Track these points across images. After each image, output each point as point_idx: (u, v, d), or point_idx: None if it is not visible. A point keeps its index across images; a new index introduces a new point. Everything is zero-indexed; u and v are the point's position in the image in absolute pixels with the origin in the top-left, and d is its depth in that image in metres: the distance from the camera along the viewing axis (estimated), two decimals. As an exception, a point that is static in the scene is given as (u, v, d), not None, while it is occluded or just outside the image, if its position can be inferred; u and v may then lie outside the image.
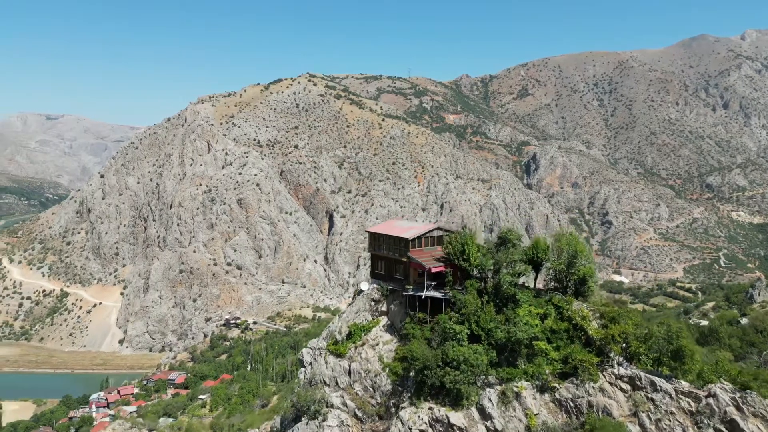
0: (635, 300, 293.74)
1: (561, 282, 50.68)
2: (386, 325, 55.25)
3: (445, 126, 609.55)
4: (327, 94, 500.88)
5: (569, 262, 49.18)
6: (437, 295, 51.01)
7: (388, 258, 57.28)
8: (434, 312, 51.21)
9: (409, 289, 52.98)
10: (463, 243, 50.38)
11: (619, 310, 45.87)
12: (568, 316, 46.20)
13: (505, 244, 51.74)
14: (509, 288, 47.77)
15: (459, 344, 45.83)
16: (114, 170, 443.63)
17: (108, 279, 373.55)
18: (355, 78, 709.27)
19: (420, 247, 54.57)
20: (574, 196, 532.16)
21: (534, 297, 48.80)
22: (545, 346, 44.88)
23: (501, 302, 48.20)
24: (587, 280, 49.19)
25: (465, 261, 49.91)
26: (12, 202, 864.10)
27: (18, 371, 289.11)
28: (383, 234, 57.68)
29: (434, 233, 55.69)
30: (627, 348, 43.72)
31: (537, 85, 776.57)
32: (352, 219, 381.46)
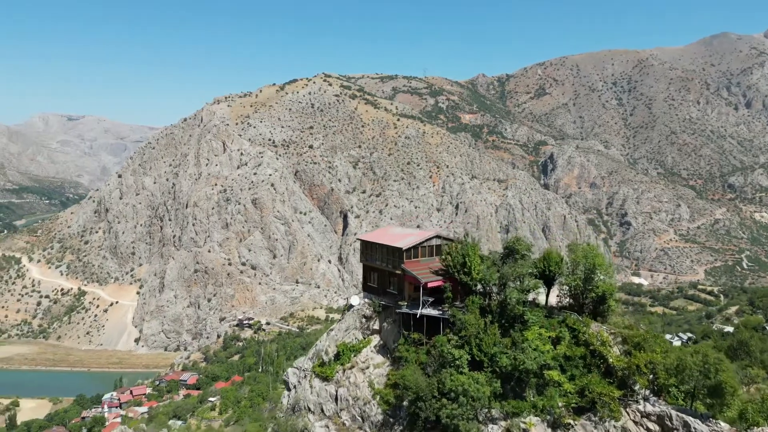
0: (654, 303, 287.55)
1: (577, 300, 44.80)
2: (378, 346, 49.42)
3: (460, 126, 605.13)
4: (342, 94, 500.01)
5: (586, 277, 43.53)
6: (434, 314, 45.57)
7: (381, 270, 51.59)
8: (431, 332, 46.02)
9: (403, 306, 47.35)
10: (463, 254, 45.05)
11: (645, 334, 40.13)
12: (585, 341, 40.70)
13: (512, 256, 46.36)
14: (517, 306, 42.06)
15: (458, 372, 40.43)
16: (131, 170, 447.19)
17: (124, 278, 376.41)
18: (371, 78, 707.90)
19: (416, 257, 48.89)
20: (592, 197, 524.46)
21: (545, 317, 43.26)
22: (558, 375, 39.31)
23: (507, 323, 42.66)
24: (607, 298, 43.41)
25: (466, 274, 44.66)
26: (33, 202, 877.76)
27: (36, 369, 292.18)
28: (375, 243, 51.97)
29: (432, 242, 50.09)
30: (655, 380, 38.07)
31: (554, 84, 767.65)
32: (366, 219, 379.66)
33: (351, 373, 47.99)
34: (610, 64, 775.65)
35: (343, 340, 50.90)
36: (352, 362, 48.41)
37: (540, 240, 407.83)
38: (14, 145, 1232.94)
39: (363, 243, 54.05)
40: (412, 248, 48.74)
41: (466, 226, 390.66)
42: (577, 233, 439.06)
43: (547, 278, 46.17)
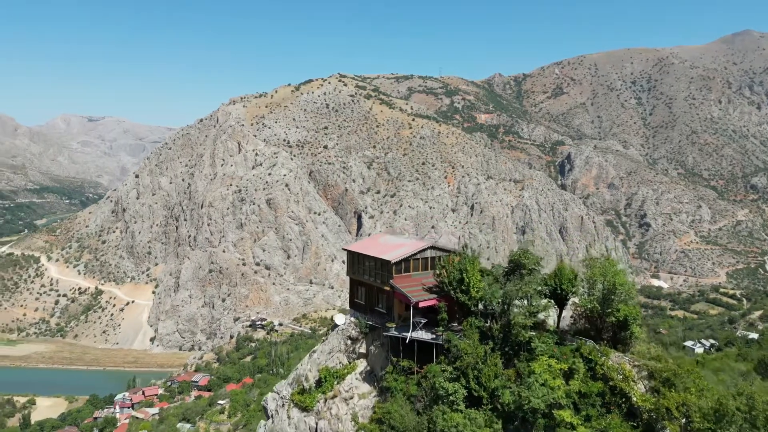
0: (675, 306, 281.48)
1: (593, 324, 38.81)
2: (364, 372, 43.94)
3: (476, 126, 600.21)
4: (357, 94, 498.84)
5: (605, 298, 37.56)
6: (426, 338, 40.18)
7: (369, 285, 46.10)
8: (423, 358, 40.55)
9: (391, 328, 41.92)
10: (461, 269, 39.77)
11: (677, 367, 33.88)
12: (603, 374, 34.55)
13: (518, 271, 41.02)
14: (522, 332, 36.37)
15: (452, 409, 35.07)
16: (148, 170, 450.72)
17: (141, 277, 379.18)
18: (386, 78, 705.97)
19: (407, 272, 43.62)
20: (611, 198, 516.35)
21: (556, 344, 37.14)
22: (570, 416, 33.01)
23: (511, 350, 37.04)
24: (630, 323, 37.30)
25: (463, 293, 39.42)
26: (54, 202, 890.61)
27: (52, 367, 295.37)
28: (362, 254, 46.41)
29: (426, 254, 44.67)
30: (688, 425, 31.53)
31: (572, 83, 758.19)
32: (380, 220, 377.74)
33: (333, 403, 42.88)
34: (629, 62, 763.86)
35: (326, 364, 45.93)
36: (334, 390, 43.28)
37: (557, 241, 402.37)
38: (36, 145, 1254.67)
39: (349, 254, 48.73)
40: (402, 261, 43.53)
41: (482, 227, 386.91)
42: (594, 234, 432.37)
43: (559, 298, 40.27)
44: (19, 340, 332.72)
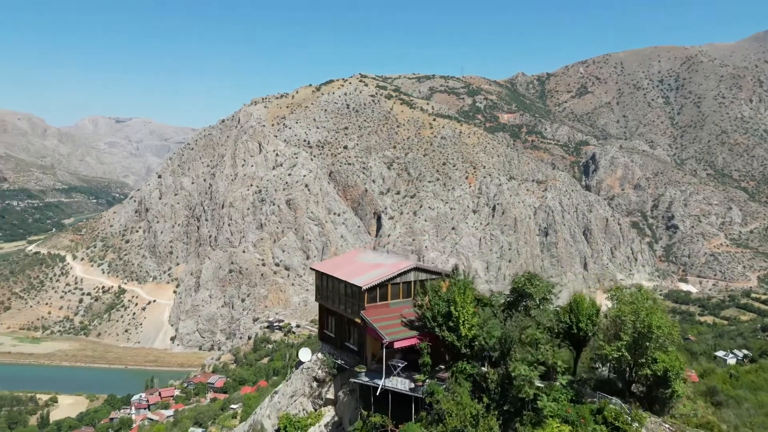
0: (704, 311, 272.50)
1: (621, 375, 31.02)
2: (331, 424, 36.98)
3: (499, 125, 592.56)
4: (378, 95, 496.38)
5: (637, 343, 29.00)
6: (402, 389, 32.60)
7: (339, 315, 39.04)
8: (400, 413, 32.79)
9: (361, 373, 34.64)
10: (448, 300, 32.27)
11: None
12: None
13: (522, 303, 34.19)
14: (526, 387, 28.00)
15: None
16: (170, 171, 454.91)
17: (162, 277, 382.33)
18: (408, 78, 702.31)
19: (384, 299, 36.07)
20: (637, 199, 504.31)
21: (571, 401, 29.12)
22: None
23: (512, 408, 29.09)
24: (671, 379, 29.04)
25: (451, 331, 31.78)
26: (81, 201, 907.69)
27: (75, 365, 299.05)
28: (330, 275, 38.94)
29: (409, 276, 36.78)
30: None
31: (597, 82, 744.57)
32: (400, 221, 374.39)
33: (292, 461, 35.38)
34: (657, 61, 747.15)
35: (287, 410, 39.36)
36: None
37: (581, 244, 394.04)
38: (64, 146, 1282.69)
39: (317, 275, 40.67)
40: (377, 287, 35.66)
41: (503, 229, 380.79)
42: (620, 237, 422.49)
43: (576, 339, 32.37)
44: (43, 337, 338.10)
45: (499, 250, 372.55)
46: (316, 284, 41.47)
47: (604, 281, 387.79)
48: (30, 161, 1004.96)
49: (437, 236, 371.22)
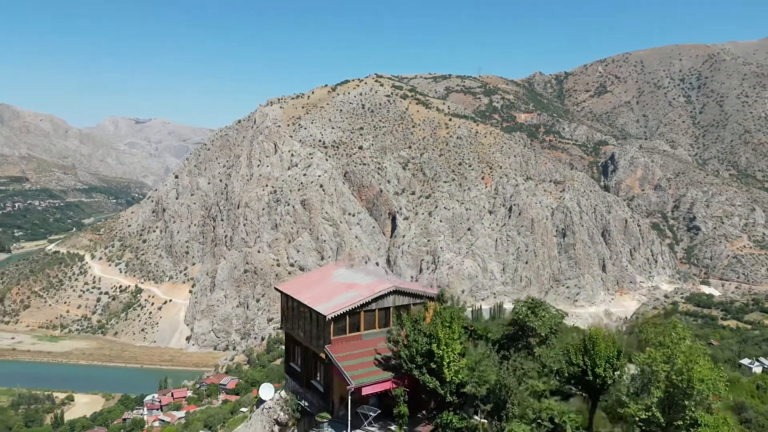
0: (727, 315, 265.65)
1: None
2: None
3: (516, 125, 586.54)
4: (393, 94, 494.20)
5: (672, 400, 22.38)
6: None
7: (305, 347, 33.47)
8: None
9: (324, 422, 29.21)
10: (429, 335, 26.76)
11: None
12: None
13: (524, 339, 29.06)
14: None
15: None
16: (187, 171, 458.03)
17: (178, 277, 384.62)
18: (424, 78, 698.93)
19: (356, 330, 30.29)
20: (657, 200, 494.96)
21: None
22: None
23: None
24: None
25: (433, 375, 26.59)
26: (101, 201, 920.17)
27: (92, 364, 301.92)
28: (294, 298, 33.14)
29: (387, 301, 30.54)
30: None
31: (616, 81, 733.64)
32: (415, 221, 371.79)
33: None
34: (678, 59, 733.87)
35: None
36: None
37: (599, 245, 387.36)
38: (85, 147, 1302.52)
39: (283, 296, 35.04)
40: (346, 315, 29.59)
41: (520, 230, 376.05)
42: (639, 238, 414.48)
43: (591, 386, 25.63)
44: (61, 336, 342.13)
45: (515, 252, 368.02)
46: (281, 308, 35.49)
47: (624, 283, 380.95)
48: (52, 161, 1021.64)
49: (453, 237, 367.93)
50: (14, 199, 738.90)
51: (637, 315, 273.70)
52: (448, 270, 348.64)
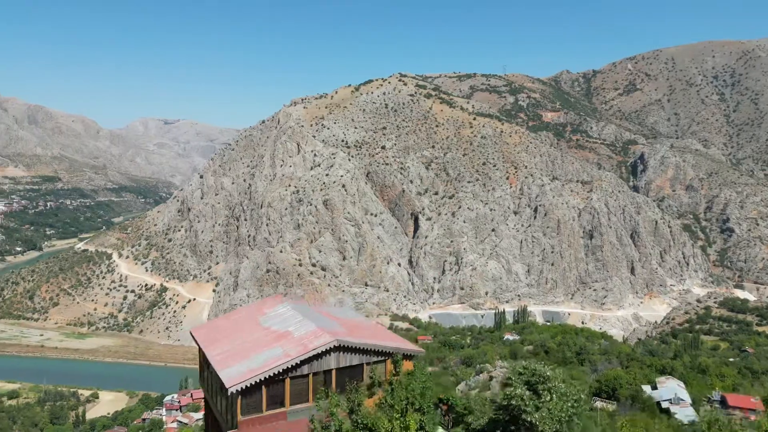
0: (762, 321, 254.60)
1: None
2: None
3: (542, 124, 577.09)
4: (417, 94, 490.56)
5: None
6: None
7: (214, 415, 25.69)
8: None
9: None
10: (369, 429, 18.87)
11: None
12: None
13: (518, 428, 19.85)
14: None
15: None
16: (212, 171, 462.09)
17: (202, 276, 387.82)
18: (448, 77, 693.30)
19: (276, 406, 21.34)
20: (689, 200, 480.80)
21: None
22: None
23: None
24: None
25: None
26: (130, 200, 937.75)
27: (117, 361, 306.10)
28: (203, 352, 25.44)
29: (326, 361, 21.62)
30: None
31: (646, 79, 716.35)
32: (438, 222, 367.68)
33: None
34: (711, 56, 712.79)
35: None
36: None
37: (628, 247, 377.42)
38: (116, 147, 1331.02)
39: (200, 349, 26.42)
40: (261, 385, 20.96)
41: (546, 231, 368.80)
42: (670, 240, 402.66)
43: None
44: (88, 333, 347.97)
45: (541, 253, 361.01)
46: (199, 358, 27.24)
47: (653, 287, 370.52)
48: (83, 162, 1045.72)
49: (476, 238, 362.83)
50: (47, 198, 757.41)
51: (667, 320, 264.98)
52: (471, 271, 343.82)
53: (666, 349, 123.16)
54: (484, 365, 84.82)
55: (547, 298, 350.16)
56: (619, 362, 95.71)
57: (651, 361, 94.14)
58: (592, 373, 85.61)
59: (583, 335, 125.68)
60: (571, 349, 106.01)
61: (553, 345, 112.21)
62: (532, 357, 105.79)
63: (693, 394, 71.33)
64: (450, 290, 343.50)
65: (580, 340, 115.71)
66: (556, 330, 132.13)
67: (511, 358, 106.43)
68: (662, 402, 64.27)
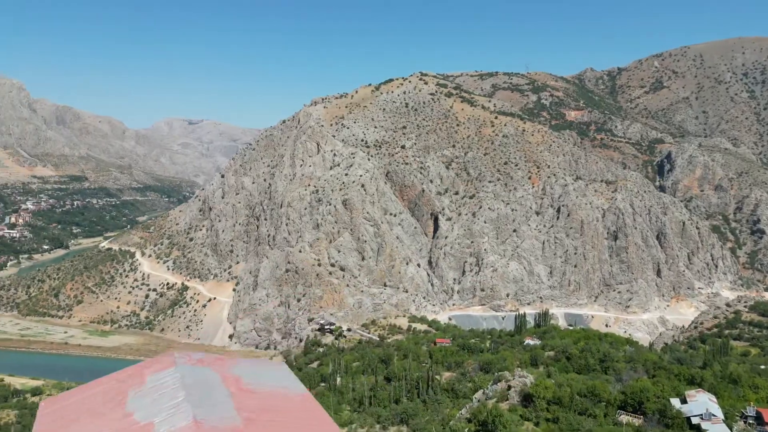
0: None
1: None
2: None
3: (565, 123, 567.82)
4: (437, 93, 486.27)
5: None
6: None
7: None
8: None
9: None
10: None
11: None
12: None
13: None
14: None
15: None
16: (233, 171, 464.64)
17: (222, 275, 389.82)
18: (470, 75, 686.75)
19: None
20: (717, 201, 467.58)
21: None
22: None
23: None
24: None
25: None
26: (155, 200, 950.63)
27: (139, 359, 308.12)
28: None
29: None
30: None
31: (673, 76, 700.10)
32: (458, 222, 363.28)
33: None
34: (740, 53, 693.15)
35: None
36: None
37: (654, 248, 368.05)
38: (141, 147, 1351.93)
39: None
40: None
41: (569, 232, 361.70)
42: (698, 241, 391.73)
43: None
44: (111, 331, 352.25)
45: (563, 255, 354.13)
46: None
47: (680, 289, 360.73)
48: (109, 161, 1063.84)
49: (497, 239, 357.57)
50: (74, 197, 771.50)
51: (695, 324, 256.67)
52: (492, 273, 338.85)
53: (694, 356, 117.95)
54: (503, 373, 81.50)
55: (569, 300, 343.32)
56: (644, 370, 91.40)
57: (679, 370, 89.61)
58: (617, 382, 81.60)
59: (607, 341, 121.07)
60: (595, 355, 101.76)
61: (576, 351, 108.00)
62: (553, 364, 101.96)
63: (725, 408, 67.08)
64: (470, 291, 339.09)
65: (604, 346, 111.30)
66: (579, 335, 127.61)
67: (531, 365, 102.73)
68: (692, 418, 60.32)
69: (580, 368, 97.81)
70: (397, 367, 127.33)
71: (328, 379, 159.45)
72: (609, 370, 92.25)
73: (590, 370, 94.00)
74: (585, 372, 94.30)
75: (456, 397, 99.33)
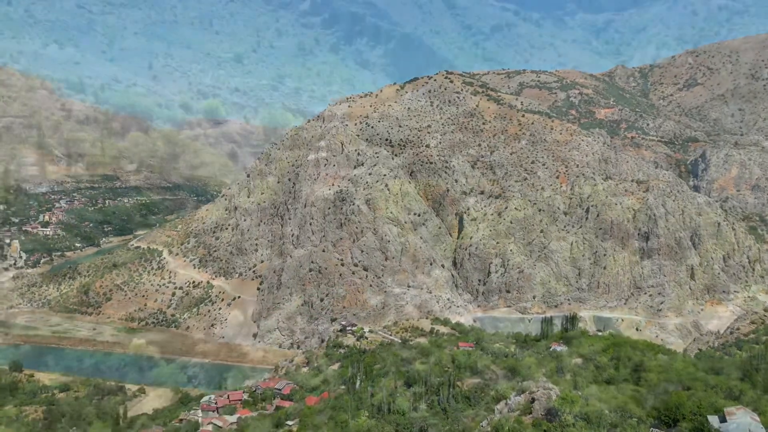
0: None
1: None
2: None
3: (595, 121, 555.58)
4: (463, 91, 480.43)
5: None
6: None
7: None
8: None
9: None
10: None
11: None
12: None
13: None
14: None
15: None
16: (258, 170, 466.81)
17: (247, 274, 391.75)
18: (496, 74, 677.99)
19: None
20: (754, 201, 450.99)
21: None
22: None
23: None
24: None
25: None
26: (184, 199, 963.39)
27: (164, 357, 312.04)
28: None
29: None
30: None
31: (708, 73, 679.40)
32: (483, 222, 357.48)
33: None
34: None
35: None
36: None
37: (688, 251, 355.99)
38: (170, 147, 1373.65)
39: None
40: None
41: (598, 233, 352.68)
42: (734, 243, 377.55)
43: None
44: (138, 328, 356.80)
45: (592, 256, 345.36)
46: None
47: (715, 293, 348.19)
48: (140, 161, 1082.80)
49: (524, 240, 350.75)
50: (105, 196, 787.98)
51: (731, 329, 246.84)
52: (518, 274, 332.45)
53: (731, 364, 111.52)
54: (527, 383, 77.63)
55: (598, 303, 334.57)
56: (679, 381, 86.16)
57: (716, 382, 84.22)
58: (649, 395, 76.87)
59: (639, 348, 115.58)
60: (625, 364, 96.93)
61: (605, 359, 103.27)
62: (580, 372, 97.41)
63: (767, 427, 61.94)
64: (495, 293, 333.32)
65: (635, 354, 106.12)
66: (608, 341, 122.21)
67: (557, 373, 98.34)
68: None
69: (610, 378, 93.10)
70: (419, 372, 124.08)
71: (348, 383, 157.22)
72: (641, 381, 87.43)
73: (621, 381, 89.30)
74: (615, 382, 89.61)
75: (477, 405, 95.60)
